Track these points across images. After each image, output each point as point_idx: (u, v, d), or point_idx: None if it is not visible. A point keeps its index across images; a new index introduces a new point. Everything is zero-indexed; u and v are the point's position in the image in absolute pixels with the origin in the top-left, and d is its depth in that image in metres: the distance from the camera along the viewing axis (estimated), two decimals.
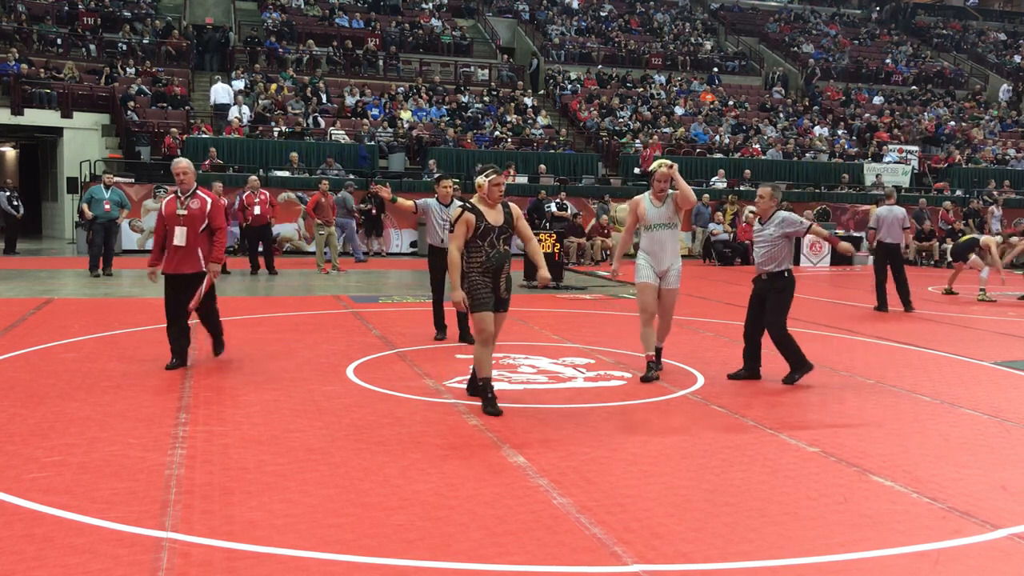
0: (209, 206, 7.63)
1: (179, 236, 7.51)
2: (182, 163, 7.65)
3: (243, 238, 17.12)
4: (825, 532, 4.33)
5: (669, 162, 7.55)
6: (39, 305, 11.45)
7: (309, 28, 29.59)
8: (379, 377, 7.56)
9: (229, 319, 10.61)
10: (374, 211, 20.58)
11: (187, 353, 7.87)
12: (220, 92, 24.73)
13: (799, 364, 7.66)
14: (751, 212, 22.61)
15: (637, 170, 24.24)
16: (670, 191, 7.57)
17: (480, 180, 6.51)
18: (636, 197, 7.75)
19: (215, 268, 7.74)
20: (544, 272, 6.77)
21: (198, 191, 7.67)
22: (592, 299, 13.61)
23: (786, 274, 7.68)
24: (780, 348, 7.67)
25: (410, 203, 9.66)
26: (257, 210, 16.05)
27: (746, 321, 7.85)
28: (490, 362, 6.55)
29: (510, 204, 6.65)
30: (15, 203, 19.65)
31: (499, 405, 6.44)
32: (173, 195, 7.71)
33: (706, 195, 22.66)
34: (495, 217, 6.49)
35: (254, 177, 17.02)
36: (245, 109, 23.21)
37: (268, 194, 16.67)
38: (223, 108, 24.36)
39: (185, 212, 7.55)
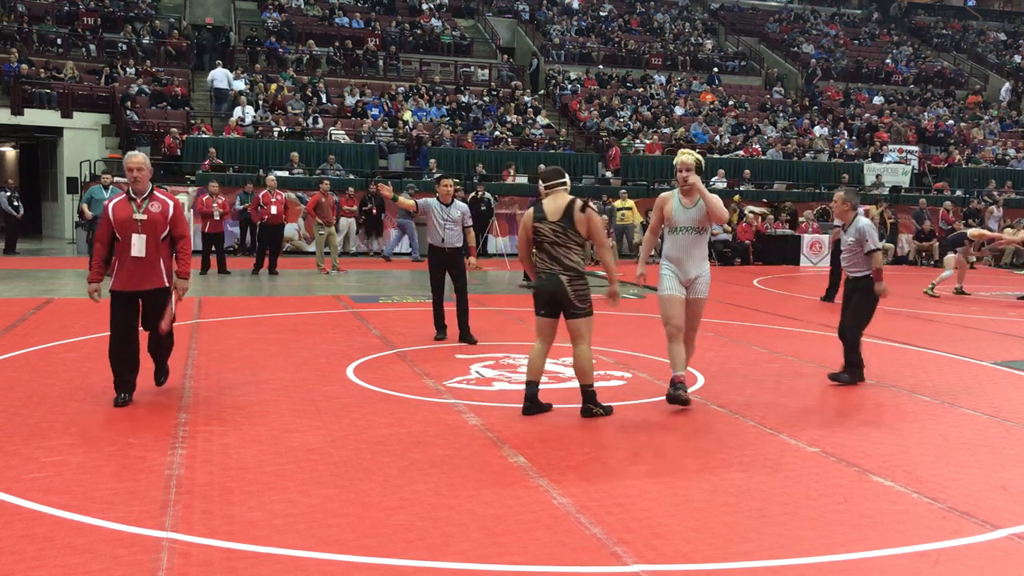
0: (171, 210, 6.45)
1: (138, 246, 6.30)
2: (137, 157, 6.44)
3: (255, 237, 17.12)
4: (825, 532, 4.33)
5: (691, 153, 6.76)
6: (39, 305, 11.45)
7: (309, 28, 29.59)
8: (379, 377, 7.56)
9: (229, 319, 10.62)
10: (375, 211, 20.60)
11: (135, 383, 6.58)
12: (219, 77, 25.04)
13: (854, 369, 7.80)
14: (752, 212, 22.65)
15: (608, 173, 24.16)
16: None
17: (566, 180, 6.60)
18: (664, 194, 6.91)
19: (184, 284, 6.57)
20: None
21: (155, 192, 6.48)
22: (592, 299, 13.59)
23: (871, 277, 7.81)
24: (847, 347, 7.83)
25: (411, 202, 9.66)
26: (273, 210, 16.07)
27: (840, 323, 7.98)
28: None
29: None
30: (15, 203, 19.66)
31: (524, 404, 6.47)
32: (124, 196, 6.41)
33: None
34: None
35: (272, 177, 17.05)
36: (249, 109, 23.19)
37: (283, 195, 16.69)
38: (222, 93, 24.70)
39: (144, 217, 6.31)
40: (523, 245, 6.76)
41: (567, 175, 6.64)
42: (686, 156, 6.71)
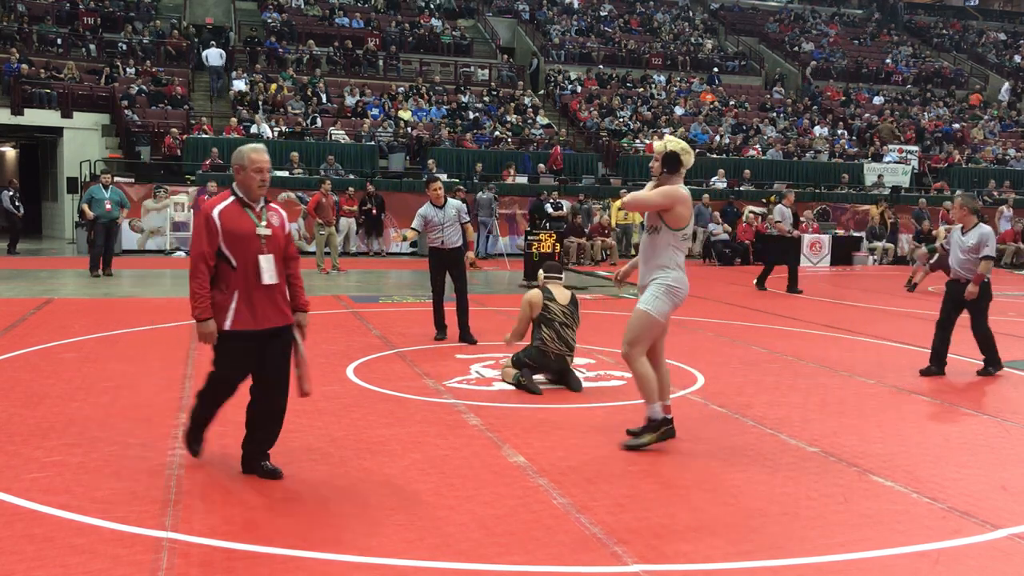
0: (287, 223, 5.09)
1: (268, 270, 4.84)
2: (266, 153, 4.98)
3: None
4: (825, 532, 4.33)
5: (671, 139, 5.72)
6: (39, 305, 11.45)
7: (309, 28, 29.58)
8: (379, 377, 7.55)
9: None
10: (374, 211, 20.59)
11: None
12: (213, 55, 25.67)
13: (994, 360, 8.29)
14: (751, 212, 22.65)
15: (551, 174, 23.97)
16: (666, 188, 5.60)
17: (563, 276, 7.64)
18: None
19: (306, 320, 5.08)
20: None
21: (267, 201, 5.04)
22: (592, 299, 13.60)
23: (986, 279, 8.22)
24: (981, 344, 8.31)
25: (413, 232, 9.61)
26: None
27: (940, 321, 8.36)
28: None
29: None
30: (16, 203, 19.69)
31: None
32: (233, 200, 4.87)
33: (706, 195, 22.67)
34: None
35: None
36: (265, 128, 23.13)
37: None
38: (215, 70, 25.65)
39: (269, 232, 4.87)
40: (525, 323, 7.47)
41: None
42: (656, 141, 5.92)
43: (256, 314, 4.79)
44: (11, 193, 19.71)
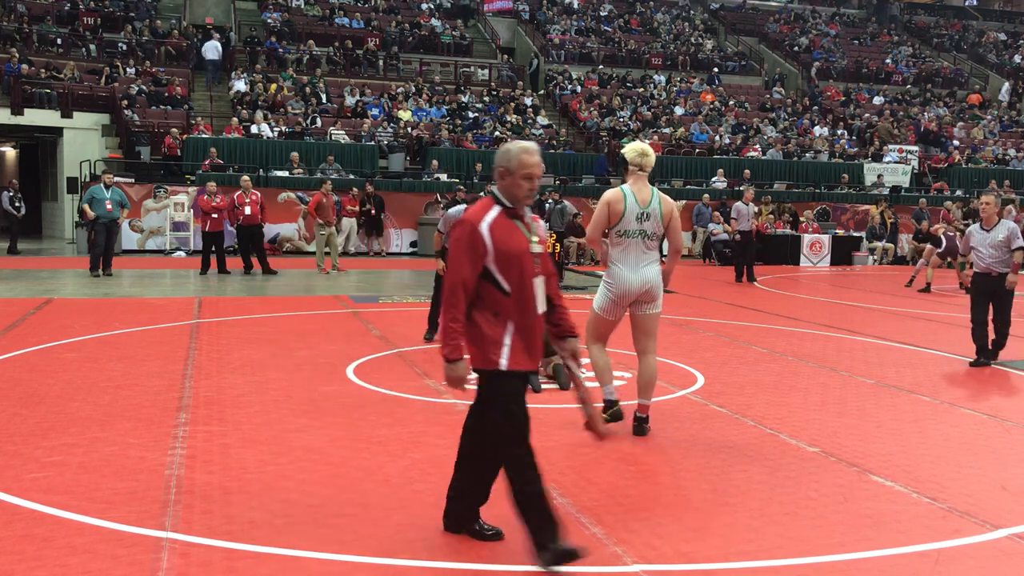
0: (546, 236, 4.55)
1: (541, 295, 4.01)
2: (539, 156, 3.95)
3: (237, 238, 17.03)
4: (825, 532, 4.33)
5: (631, 142, 5.77)
6: (39, 305, 11.45)
7: (309, 28, 29.58)
8: (379, 377, 7.55)
9: (229, 319, 10.62)
10: (374, 211, 20.59)
11: None
12: (210, 49, 25.89)
13: (999, 349, 8.76)
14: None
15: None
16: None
17: None
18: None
19: (578, 345, 4.20)
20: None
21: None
22: (591, 299, 13.60)
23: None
24: (999, 332, 8.73)
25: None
26: (248, 210, 15.97)
27: (976, 313, 8.76)
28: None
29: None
30: (16, 203, 19.67)
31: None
32: (500, 211, 3.94)
33: (706, 195, 22.66)
34: None
35: (245, 177, 16.93)
36: (265, 127, 23.10)
37: (260, 195, 16.56)
38: (213, 64, 25.96)
39: (541, 249, 4.04)
40: None
41: None
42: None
43: (531, 350, 3.94)
44: (11, 193, 19.71)
